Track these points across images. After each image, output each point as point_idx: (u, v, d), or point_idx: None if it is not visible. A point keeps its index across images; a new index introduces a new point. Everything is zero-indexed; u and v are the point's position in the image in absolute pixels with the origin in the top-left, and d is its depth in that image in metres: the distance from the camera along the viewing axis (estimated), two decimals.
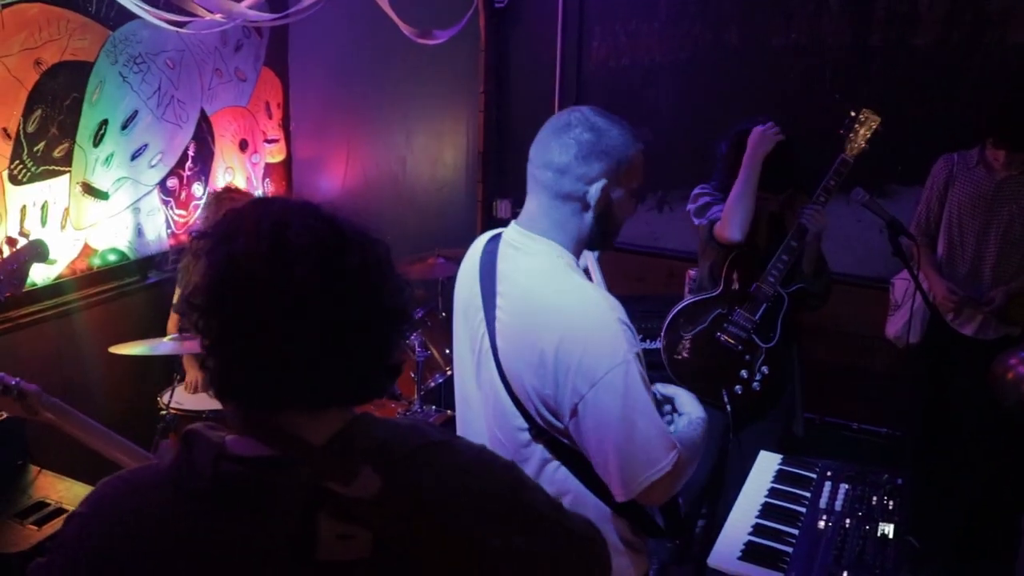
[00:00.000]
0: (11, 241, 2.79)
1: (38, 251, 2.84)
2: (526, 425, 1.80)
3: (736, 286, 3.15)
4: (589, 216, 1.79)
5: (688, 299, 3.23)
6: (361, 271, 1.01)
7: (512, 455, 1.81)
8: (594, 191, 1.75)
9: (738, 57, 4.10)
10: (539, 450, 1.81)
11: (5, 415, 2.99)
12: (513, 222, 1.89)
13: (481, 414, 1.92)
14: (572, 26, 4.37)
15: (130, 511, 1.01)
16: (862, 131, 3.06)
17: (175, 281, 4.04)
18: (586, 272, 1.97)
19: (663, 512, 1.94)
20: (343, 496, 0.94)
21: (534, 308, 1.77)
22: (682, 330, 3.16)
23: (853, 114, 3.08)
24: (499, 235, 1.91)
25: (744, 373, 3.11)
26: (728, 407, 3.07)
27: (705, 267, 3.31)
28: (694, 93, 4.24)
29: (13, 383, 2.44)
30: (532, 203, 1.83)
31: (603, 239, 1.85)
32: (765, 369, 3.10)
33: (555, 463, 1.81)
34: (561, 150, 1.76)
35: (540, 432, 1.79)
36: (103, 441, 2.54)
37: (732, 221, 3.04)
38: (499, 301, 1.83)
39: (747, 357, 3.11)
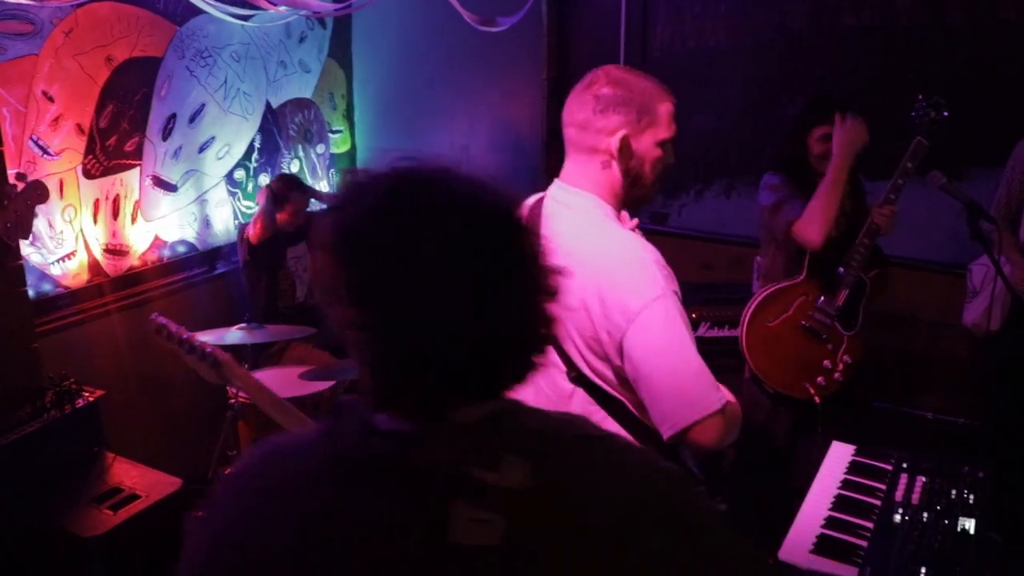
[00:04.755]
0: (13, 185, 2.83)
1: (39, 192, 2.86)
2: (565, 369, 1.86)
3: (819, 273, 3.05)
4: (616, 168, 1.86)
5: (771, 287, 3.13)
6: (504, 231, 0.97)
7: (555, 405, 1.88)
8: (612, 142, 1.83)
9: (807, 39, 3.99)
10: (580, 395, 1.87)
11: (83, 402, 3.07)
12: (556, 180, 1.96)
13: None
14: (636, 9, 4.30)
15: (276, 472, 1.04)
16: (933, 114, 2.95)
17: (248, 269, 4.13)
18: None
19: (703, 468, 1.97)
20: (483, 482, 0.92)
21: (574, 256, 1.86)
22: (766, 319, 3.06)
23: (921, 98, 2.98)
24: (543, 196, 1.99)
25: (827, 363, 3.01)
26: (817, 399, 2.97)
27: (776, 255, 3.21)
28: (762, 77, 4.14)
29: (209, 350, 2.77)
30: (568, 161, 1.92)
31: (636, 191, 1.90)
32: (847, 358, 3.01)
33: (595, 408, 1.86)
34: (580, 107, 1.86)
35: (580, 376, 1.85)
36: (279, 412, 2.87)
37: (815, 225, 2.91)
38: None
39: (830, 346, 3.02)
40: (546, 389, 1.93)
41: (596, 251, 1.80)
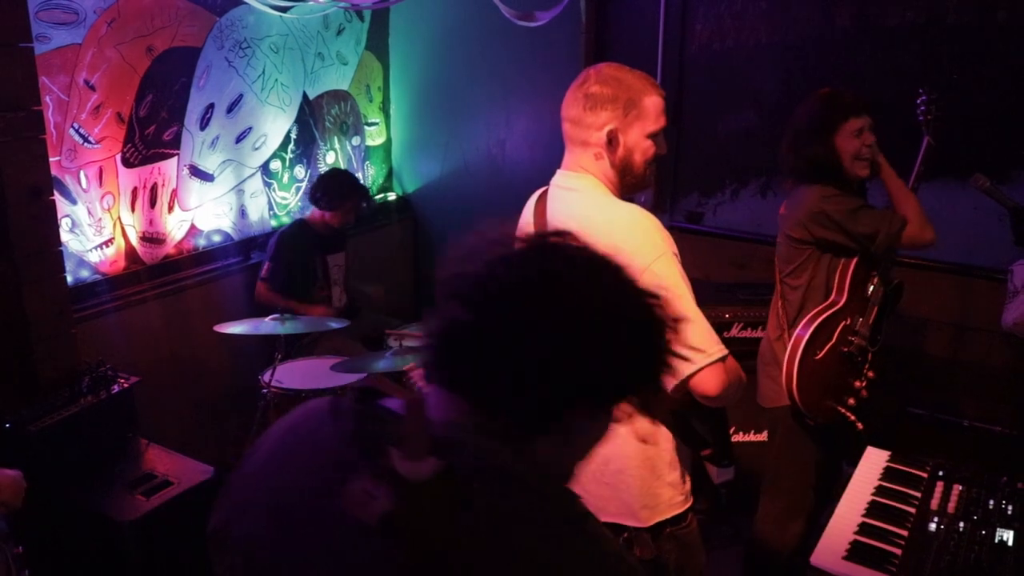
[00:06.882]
0: None
1: None
2: None
3: (857, 294, 2.93)
4: (606, 160, 2.01)
5: (814, 318, 2.91)
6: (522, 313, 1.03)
7: None
8: (599, 136, 1.98)
9: (849, 38, 3.93)
10: None
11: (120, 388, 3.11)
12: (559, 170, 2.10)
13: None
14: (675, 6, 4.27)
15: (293, 417, 1.16)
16: (936, 112, 2.85)
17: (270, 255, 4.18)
18: None
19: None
20: (390, 463, 0.94)
21: (583, 232, 1.91)
22: (814, 353, 2.87)
23: (921, 91, 2.87)
24: (547, 188, 2.14)
25: (857, 383, 2.92)
26: (859, 425, 2.88)
27: (809, 280, 2.97)
28: (801, 76, 4.08)
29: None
30: (567, 153, 2.08)
31: (628, 179, 2.03)
32: (871, 374, 2.93)
33: None
34: (573, 103, 2.02)
35: None
36: None
37: (928, 226, 2.85)
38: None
39: (860, 367, 2.94)
40: None
41: (602, 224, 1.94)
